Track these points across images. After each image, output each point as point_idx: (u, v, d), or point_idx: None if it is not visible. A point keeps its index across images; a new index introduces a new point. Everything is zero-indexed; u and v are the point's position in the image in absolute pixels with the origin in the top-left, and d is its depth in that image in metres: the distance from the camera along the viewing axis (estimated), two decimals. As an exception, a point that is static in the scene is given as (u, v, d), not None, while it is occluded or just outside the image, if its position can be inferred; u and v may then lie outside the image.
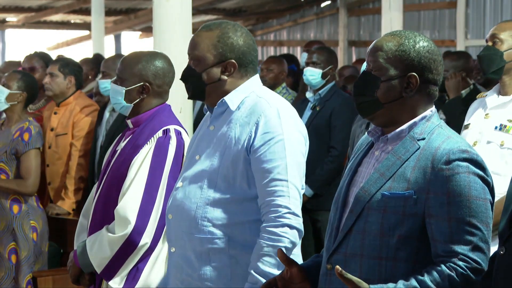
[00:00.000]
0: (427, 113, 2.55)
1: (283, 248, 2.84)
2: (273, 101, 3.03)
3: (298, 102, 6.28)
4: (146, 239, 3.43)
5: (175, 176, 3.47)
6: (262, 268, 2.86)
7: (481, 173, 2.42)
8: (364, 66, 2.67)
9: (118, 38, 18.00)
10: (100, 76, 6.31)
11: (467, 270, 2.35)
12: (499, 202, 2.68)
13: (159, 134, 3.52)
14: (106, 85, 5.73)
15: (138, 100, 3.61)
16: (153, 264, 3.49)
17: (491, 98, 3.92)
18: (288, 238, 2.88)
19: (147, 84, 3.61)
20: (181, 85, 4.86)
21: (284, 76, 7.03)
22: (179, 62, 4.75)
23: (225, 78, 3.07)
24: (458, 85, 5.75)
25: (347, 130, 5.66)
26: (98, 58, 9.00)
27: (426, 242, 2.42)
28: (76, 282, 3.65)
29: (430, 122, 2.53)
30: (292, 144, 2.96)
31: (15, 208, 5.12)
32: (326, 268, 2.56)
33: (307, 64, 6.09)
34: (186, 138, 3.57)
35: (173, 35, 4.85)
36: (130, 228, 3.41)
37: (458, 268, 2.35)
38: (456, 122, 4.96)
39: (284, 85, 7.00)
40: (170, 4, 4.84)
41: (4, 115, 5.44)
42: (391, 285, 2.37)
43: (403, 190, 2.43)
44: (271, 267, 2.85)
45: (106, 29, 13.64)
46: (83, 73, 6.59)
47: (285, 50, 15.39)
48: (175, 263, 3.09)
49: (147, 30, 16.86)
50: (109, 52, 13.43)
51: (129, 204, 3.42)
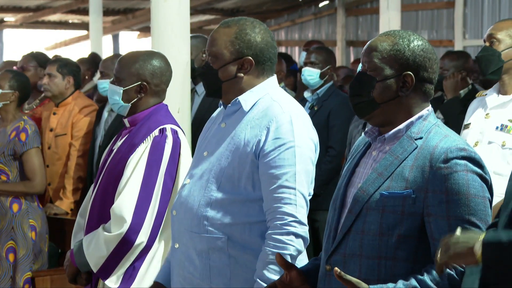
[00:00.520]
0: (424, 112, 2.55)
1: (288, 256, 2.84)
2: (286, 106, 2.98)
3: (296, 102, 6.27)
4: (142, 238, 3.43)
5: (171, 175, 3.47)
6: (268, 275, 2.84)
7: (479, 171, 2.43)
8: (359, 67, 2.67)
9: (116, 38, 17.98)
10: (98, 76, 6.31)
11: (467, 269, 2.35)
12: (501, 203, 2.67)
13: (156, 133, 3.52)
14: (105, 85, 5.73)
15: (135, 99, 3.62)
16: (149, 263, 3.49)
17: (491, 97, 3.91)
18: (293, 246, 2.87)
19: (145, 83, 3.60)
20: (179, 85, 4.88)
21: (282, 75, 7.02)
22: (177, 61, 4.76)
23: (241, 75, 3.02)
24: (456, 85, 5.74)
25: (345, 130, 5.66)
26: (94, 57, 8.95)
27: (425, 241, 2.43)
28: (73, 282, 3.65)
29: (427, 121, 2.53)
30: (302, 151, 2.92)
31: (15, 206, 5.11)
32: (325, 269, 2.56)
33: (305, 64, 6.09)
34: (183, 137, 3.57)
35: (171, 35, 4.85)
36: (126, 227, 3.40)
37: (458, 266, 2.35)
38: (454, 122, 4.96)
39: (282, 84, 6.99)
40: (168, 4, 4.84)
41: None
42: (391, 285, 2.38)
43: (402, 189, 2.43)
44: (277, 275, 2.82)
45: (104, 29, 13.62)
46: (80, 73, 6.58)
47: (283, 50, 15.36)
48: (178, 260, 3.08)
49: (145, 30, 16.85)
50: (107, 52, 13.41)
51: (125, 203, 3.42)
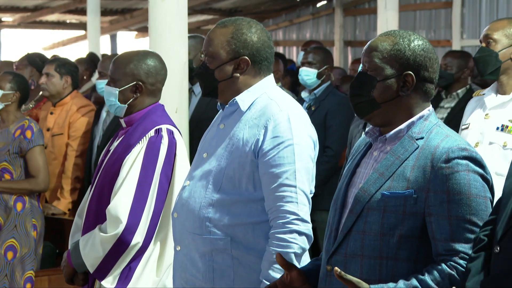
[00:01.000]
0: (425, 112, 2.55)
1: (293, 254, 2.83)
2: (283, 104, 2.98)
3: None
4: (138, 238, 3.42)
5: (167, 175, 3.47)
6: (273, 275, 2.83)
7: (480, 171, 2.42)
8: (360, 67, 2.67)
9: (114, 38, 17.98)
10: (97, 76, 6.30)
11: (468, 269, 2.35)
12: None
13: (151, 133, 3.52)
14: (103, 85, 5.70)
15: (131, 99, 3.61)
16: (145, 263, 3.49)
17: (490, 97, 3.89)
18: (297, 244, 2.85)
19: (140, 83, 3.60)
20: (177, 85, 4.88)
21: (279, 75, 7.02)
22: (175, 61, 4.76)
23: (237, 75, 3.02)
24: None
25: (343, 130, 5.66)
26: (92, 57, 8.95)
27: (426, 241, 2.42)
28: (70, 282, 3.65)
29: (428, 121, 2.53)
30: (301, 149, 2.92)
31: (19, 205, 5.12)
32: (326, 269, 2.55)
33: (303, 64, 6.10)
34: (179, 138, 3.56)
35: (168, 35, 4.84)
36: (121, 227, 3.40)
37: (459, 266, 2.35)
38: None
39: (279, 84, 6.98)
40: (166, 4, 4.84)
41: None
42: (392, 284, 2.37)
43: (403, 189, 2.43)
44: (281, 274, 2.78)
45: (102, 29, 13.60)
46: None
47: (281, 50, 15.37)
48: (180, 262, 3.07)
49: (143, 30, 16.83)
50: (105, 52, 13.40)
51: (120, 203, 3.42)
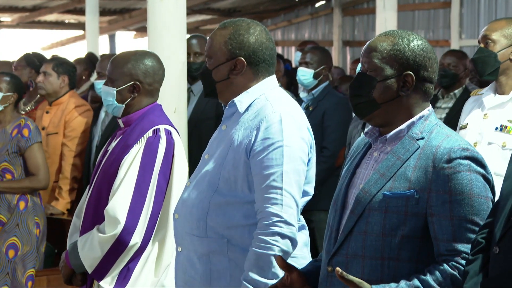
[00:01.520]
0: (425, 112, 2.55)
1: (273, 256, 2.81)
2: (278, 105, 2.98)
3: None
4: (136, 239, 3.42)
5: (165, 175, 3.47)
6: (252, 276, 2.83)
7: (482, 171, 2.42)
8: (359, 68, 2.66)
9: (112, 38, 17.97)
10: (95, 76, 6.29)
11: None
12: None
13: (149, 133, 3.52)
14: (102, 85, 5.72)
15: (129, 99, 3.60)
16: (143, 264, 3.48)
17: (488, 97, 3.88)
18: (278, 247, 2.83)
19: (138, 83, 3.60)
20: (176, 85, 4.87)
21: (279, 75, 7.02)
22: (174, 61, 4.75)
23: (234, 76, 3.02)
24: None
25: (340, 130, 5.65)
26: (91, 57, 8.95)
27: (428, 241, 2.42)
28: (68, 282, 3.64)
29: (428, 121, 2.53)
30: (291, 151, 2.90)
31: (22, 204, 5.12)
32: (326, 270, 2.54)
33: (300, 64, 6.09)
34: (177, 138, 3.56)
35: (167, 35, 4.84)
36: (120, 227, 3.40)
37: (461, 266, 2.35)
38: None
39: (279, 84, 6.96)
40: (165, 4, 4.84)
41: None
42: (393, 285, 2.36)
43: (405, 189, 2.42)
44: (260, 275, 2.82)
45: (101, 29, 13.61)
46: (77, 73, 6.57)
47: (279, 50, 15.38)
48: (181, 264, 3.07)
49: (142, 30, 16.84)
50: (103, 52, 13.39)
51: (118, 204, 3.42)
